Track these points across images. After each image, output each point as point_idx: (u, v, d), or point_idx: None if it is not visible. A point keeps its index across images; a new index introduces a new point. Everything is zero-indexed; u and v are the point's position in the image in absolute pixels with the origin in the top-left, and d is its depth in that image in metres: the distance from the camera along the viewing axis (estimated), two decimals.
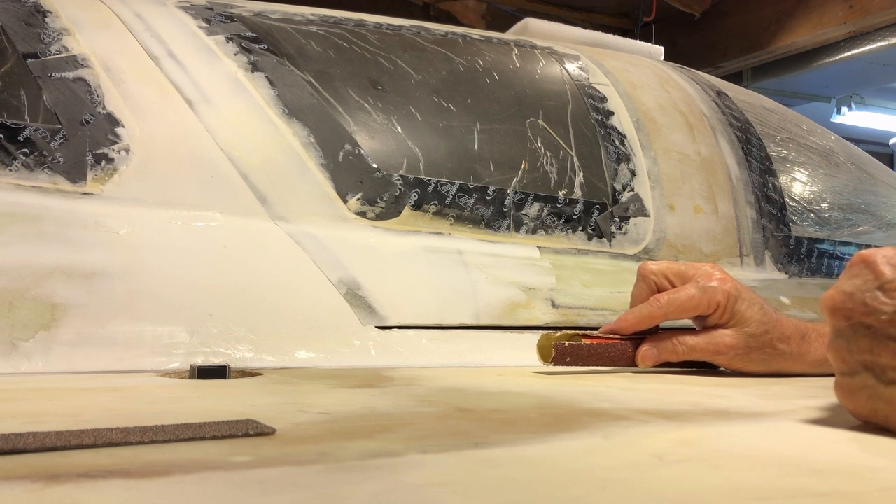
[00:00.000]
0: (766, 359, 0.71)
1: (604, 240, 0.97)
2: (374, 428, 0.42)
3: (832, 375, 0.47)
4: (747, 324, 0.70)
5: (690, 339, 0.71)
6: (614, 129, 1.05)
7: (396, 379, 0.63)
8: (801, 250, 1.11)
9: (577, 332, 0.72)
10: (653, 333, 0.73)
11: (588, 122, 1.04)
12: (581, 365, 0.71)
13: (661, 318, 0.71)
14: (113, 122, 0.79)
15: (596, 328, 0.74)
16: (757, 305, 0.70)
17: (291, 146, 0.84)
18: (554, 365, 0.69)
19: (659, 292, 0.72)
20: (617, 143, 1.03)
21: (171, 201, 0.77)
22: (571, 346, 0.70)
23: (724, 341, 0.70)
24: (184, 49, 0.88)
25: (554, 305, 0.86)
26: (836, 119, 4.62)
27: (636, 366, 0.72)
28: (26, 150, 0.74)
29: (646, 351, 0.72)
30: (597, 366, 0.72)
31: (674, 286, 0.72)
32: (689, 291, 0.70)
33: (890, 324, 0.42)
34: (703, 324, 0.72)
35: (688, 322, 0.75)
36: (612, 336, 0.72)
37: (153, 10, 0.92)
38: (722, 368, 0.73)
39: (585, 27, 1.43)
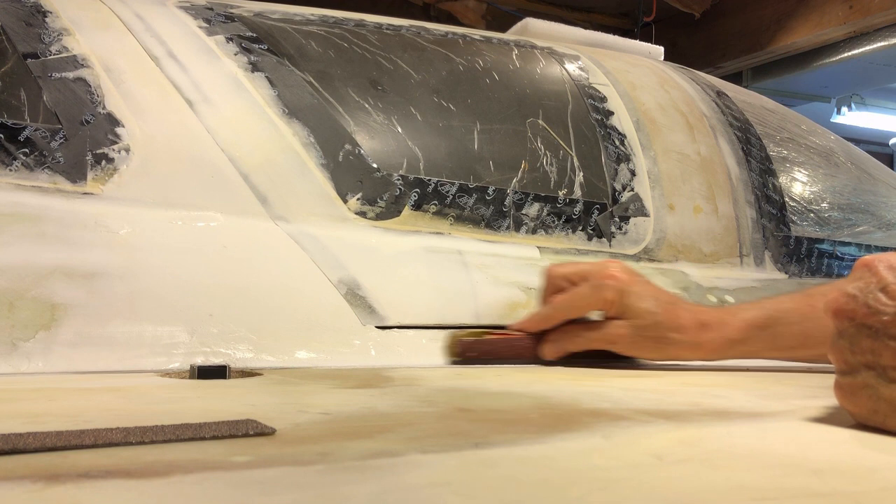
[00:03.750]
0: (659, 347, 0.75)
1: (604, 240, 0.97)
2: (374, 428, 0.42)
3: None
4: (638, 316, 0.75)
5: (587, 332, 0.77)
6: (614, 129, 1.05)
7: (396, 379, 0.63)
8: (800, 250, 1.11)
9: (485, 329, 0.77)
10: (559, 327, 0.78)
11: (588, 122, 1.04)
12: (486, 358, 0.76)
13: (559, 319, 0.77)
14: (113, 122, 0.79)
15: None
16: (649, 298, 0.75)
17: (291, 146, 0.84)
18: (460, 359, 0.75)
19: (562, 292, 0.77)
20: (617, 143, 1.03)
21: (171, 201, 0.77)
22: (474, 342, 0.75)
23: (617, 332, 0.75)
24: (184, 49, 0.88)
25: None
26: (836, 119, 4.62)
27: (540, 358, 0.78)
28: (26, 150, 0.74)
29: (548, 345, 0.77)
30: (502, 358, 0.76)
31: (576, 286, 0.77)
32: (582, 291, 0.76)
33: (892, 324, 0.43)
34: (605, 318, 0.78)
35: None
36: (516, 333, 0.78)
37: (153, 10, 0.92)
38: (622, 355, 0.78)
39: (585, 27, 1.43)
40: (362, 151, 0.87)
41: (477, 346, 0.75)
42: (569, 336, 0.76)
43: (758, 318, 0.74)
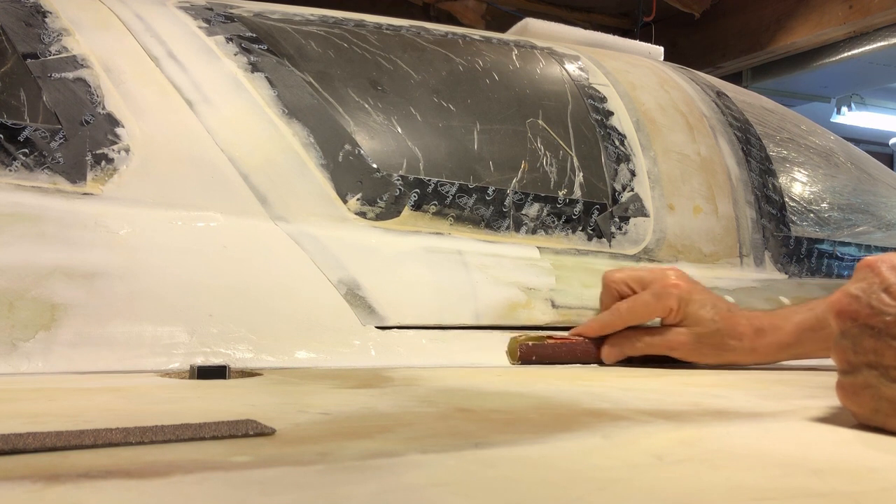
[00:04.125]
0: (718, 353, 0.78)
1: (604, 240, 0.97)
2: (374, 428, 0.42)
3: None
4: (699, 324, 0.77)
5: (648, 338, 0.79)
6: (614, 129, 1.05)
7: (396, 379, 0.63)
8: (800, 250, 1.11)
9: (545, 334, 0.79)
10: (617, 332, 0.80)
11: (588, 123, 1.04)
12: (547, 363, 0.77)
13: (620, 326, 0.79)
14: (113, 122, 0.79)
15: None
16: (709, 306, 0.78)
17: (291, 146, 0.84)
18: (521, 363, 0.76)
19: (621, 298, 0.79)
20: (617, 143, 1.03)
21: (171, 201, 0.77)
22: (535, 346, 0.77)
23: (678, 339, 0.78)
24: (184, 49, 0.88)
25: (554, 306, 0.86)
26: (836, 119, 4.62)
27: (601, 362, 0.79)
28: (26, 151, 0.74)
29: (608, 349, 0.79)
30: (563, 363, 0.78)
31: (635, 292, 0.79)
32: (644, 299, 0.78)
33: (894, 325, 0.44)
34: (662, 323, 0.80)
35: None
36: (576, 337, 0.80)
37: (153, 11, 0.92)
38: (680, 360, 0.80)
39: (585, 27, 1.43)
40: (362, 152, 0.87)
41: (538, 351, 0.77)
42: (630, 341, 0.78)
43: (808, 320, 0.76)
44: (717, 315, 0.77)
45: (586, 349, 0.79)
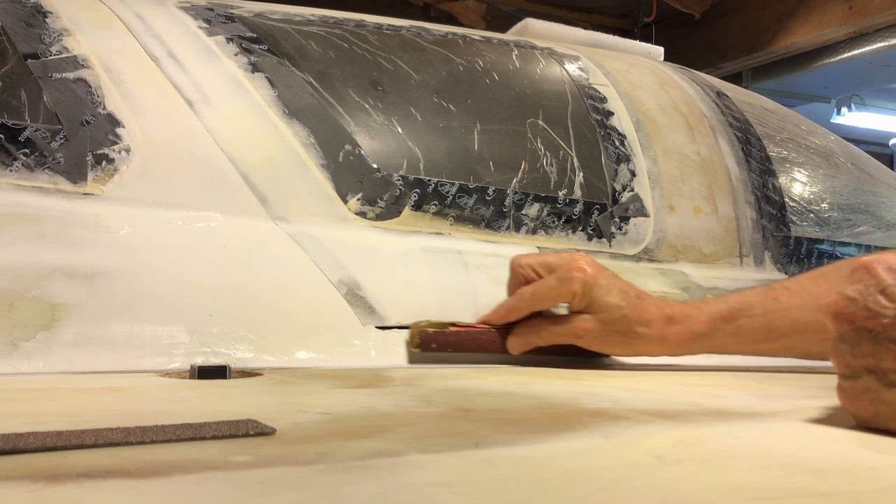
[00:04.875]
0: (626, 341, 0.75)
1: (604, 240, 0.97)
2: (374, 428, 0.42)
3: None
4: (605, 310, 0.74)
5: (553, 326, 0.76)
6: (614, 129, 1.05)
7: (396, 379, 0.63)
8: (800, 251, 1.11)
9: (450, 322, 0.76)
10: (526, 321, 0.77)
11: (588, 123, 1.04)
12: (449, 351, 0.74)
13: (526, 310, 0.76)
14: (113, 122, 0.79)
15: None
16: (615, 291, 0.75)
17: (292, 146, 0.84)
18: (421, 350, 0.73)
19: (528, 283, 0.76)
20: (617, 143, 1.03)
21: (171, 202, 0.77)
22: (436, 333, 0.74)
23: (583, 325, 0.75)
24: (184, 49, 0.88)
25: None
26: (836, 120, 4.62)
27: (506, 352, 0.77)
28: (27, 151, 0.74)
29: (513, 339, 0.77)
30: (466, 351, 0.75)
31: (542, 277, 0.76)
32: (548, 283, 0.75)
33: (892, 327, 0.43)
34: (569, 310, 0.77)
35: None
36: (481, 325, 0.77)
37: (153, 11, 0.92)
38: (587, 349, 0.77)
39: (585, 27, 1.42)
40: (362, 152, 0.87)
41: (439, 338, 0.74)
42: (535, 330, 0.76)
43: (722, 310, 0.74)
44: (623, 300, 0.74)
45: (491, 338, 0.76)
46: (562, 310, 0.78)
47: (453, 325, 0.75)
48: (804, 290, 0.71)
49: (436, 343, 0.74)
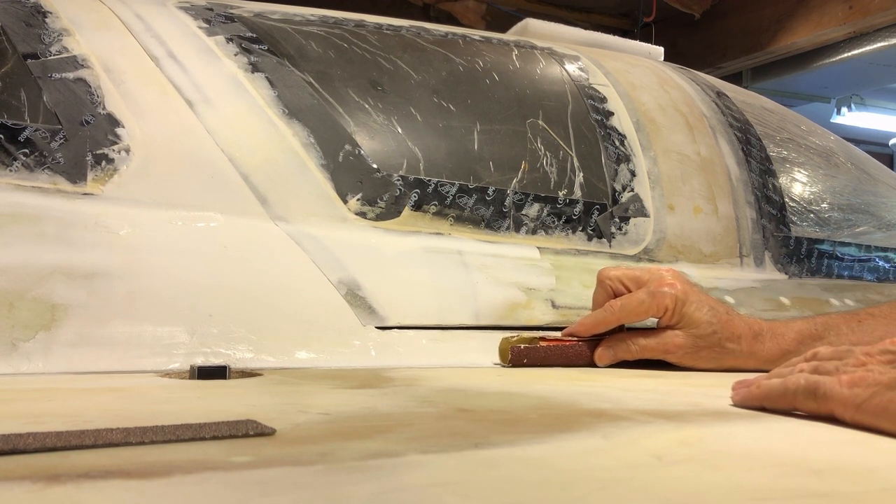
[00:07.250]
0: (716, 357, 0.76)
1: (604, 240, 0.97)
2: (374, 428, 0.42)
3: None
4: (695, 325, 0.75)
5: (643, 340, 0.76)
6: (614, 129, 1.05)
7: (396, 379, 0.63)
8: (800, 251, 1.11)
9: (538, 335, 0.77)
10: (611, 334, 0.78)
11: (588, 123, 1.04)
12: (539, 365, 0.75)
13: (614, 323, 0.77)
14: (113, 122, 0.79)
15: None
16: (706, 307, 0.75)
17: (291, 147, 0.84)
18: (513, 366, 0.74)
19: (616, 296, 0.77)
20: (617, 143, 1.03)
21: (171, 202, 0.77)
22: (527, 349, 0.75)
23: (674, 341, 0.75)
24: (184, 49, 0.88)
25: (554, 306, 0.86)
26: (836, 119, 4.62)
27: (594, 365, 0.77)
28: (26, 151, 0.74)
29: (602, 351, 0.77)
30: (555, 366, 0.76)
31: (629, 291, 0.76)
32: (639, 297, 0.75)
33: None
34: (658, 325, 0.77)
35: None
36: (569, 339, 0.77)
37: (153, 11, 0.92)
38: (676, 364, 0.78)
39: (585, 27, 1.43)
40: (362, 152, 0.87)
41: (531, 354, 0.75)
42: (624, 343, 0.76)
43: (810, 328, 0.76)
44: (714, 317, 0.75)
45: (579, 352, 0.77)
46: (648, 322, 0.78)
47: (542, 339, 0.76)
48: (885, 315, 0.75)
49: (527, 358, 0.75)
